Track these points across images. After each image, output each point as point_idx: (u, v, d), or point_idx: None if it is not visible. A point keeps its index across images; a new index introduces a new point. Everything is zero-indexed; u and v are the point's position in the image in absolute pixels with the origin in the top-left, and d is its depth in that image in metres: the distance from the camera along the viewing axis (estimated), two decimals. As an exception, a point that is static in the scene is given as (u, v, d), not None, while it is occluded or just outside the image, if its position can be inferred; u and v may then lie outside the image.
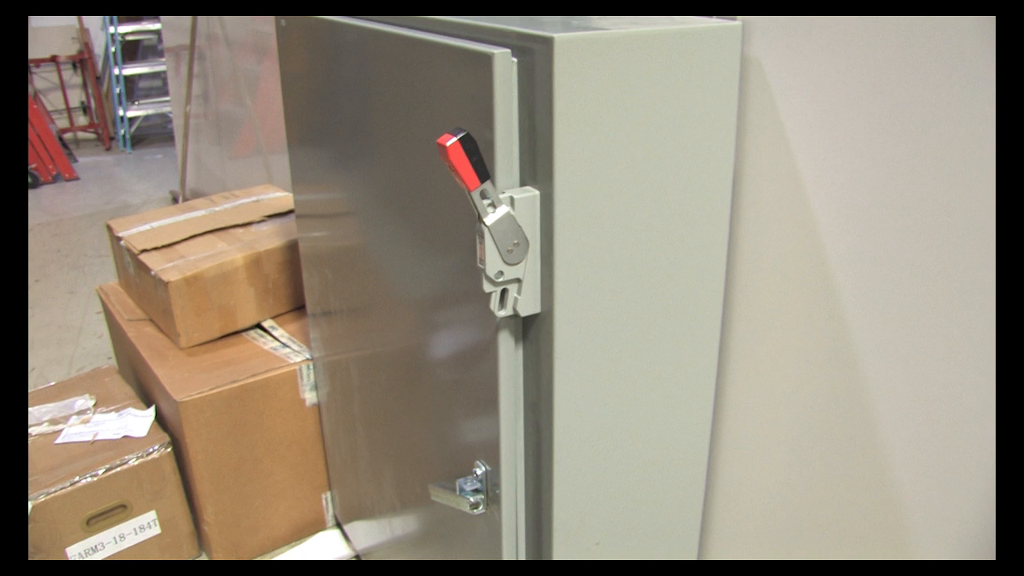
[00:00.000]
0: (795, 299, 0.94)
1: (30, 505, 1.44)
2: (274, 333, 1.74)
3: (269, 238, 1.77)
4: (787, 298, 0.94)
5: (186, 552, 1.67)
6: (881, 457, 0.88)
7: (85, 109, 5.69)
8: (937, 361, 0.80)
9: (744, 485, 1.06)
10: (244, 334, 1.74)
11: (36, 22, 5.29)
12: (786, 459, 1.00)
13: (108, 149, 5.59)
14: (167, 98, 5.27)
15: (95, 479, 1.51)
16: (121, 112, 5.48)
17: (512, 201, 0.79)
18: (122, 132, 5.53)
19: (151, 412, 1.67)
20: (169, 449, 1.59)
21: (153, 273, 1.66)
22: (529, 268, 0.82)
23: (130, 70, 5.50)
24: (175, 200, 4.04)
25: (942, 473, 0.82)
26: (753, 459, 1.04)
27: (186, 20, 3.10)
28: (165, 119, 5.83)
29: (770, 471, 1.02)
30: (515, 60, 0.77)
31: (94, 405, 1.72)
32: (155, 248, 1.75)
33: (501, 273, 0.80)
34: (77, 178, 4.89)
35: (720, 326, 0.97)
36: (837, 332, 0.90)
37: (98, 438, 1.61)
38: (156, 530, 1.62)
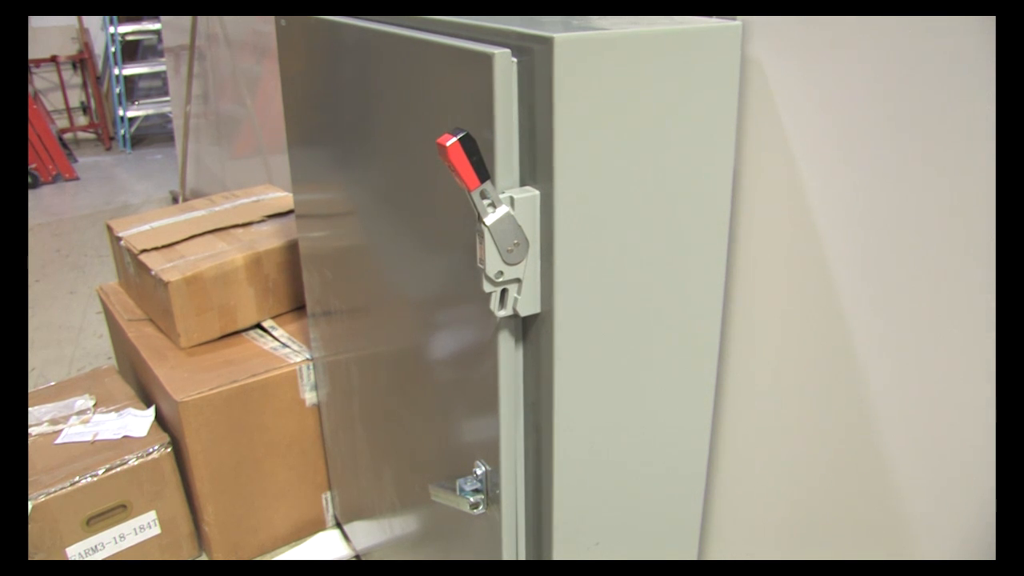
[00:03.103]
0: (795, 298, 0.94)
1: (30, 505, 1.44)
2: (274, 333, 1.74)
3: (269, 238, 1.77)
4: (787, 298, 0.94)
5: (186, 552, 1.68)
6: (882, 457, 0.88)
7: (85, 109, 5.69)
8: (938, 361, 0.80)
9: (744, 485, 1.06)
10: (244, 334, 1.74)
11: (36, 22, 5.29)
12: (786, 459, 1.00)
13: (108, 149, 5.60)
14: (167, 98, 5.27)
15: (95, 479, 1.51)
16: (121, 112, 5.48)
17: (512, 201, 0.79)
18: (122, 132, 5.54)
19: (151, 412, 1.67)
20: (169, 449, 1.59)
21: (153, 273, 1.66)
22: (529, 268, 0.82)
23: (130, 70, 5.50)
24: (175, 200, 4.04)
25: (943, 473, 0.82)
26: (753, 459, 1.04)
27: (186, 20, 3.10)
28: (165, 119, 5.84)
29: (770, 471, 1.02)
30: (515, 60, 0.77)
31: (94, 405, 1.72)
32: (155, 248, 1.75)
33: (501, 273, 0.80)
34: (77, 178, 4.90)
35: (720, 326, 0.97)
36: (837, 332, 0.90)
37: (98, 438, 1.61)
38: (156, 530, 1.62)
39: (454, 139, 0.73)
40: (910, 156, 0.78)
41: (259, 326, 1.77)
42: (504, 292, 0.83)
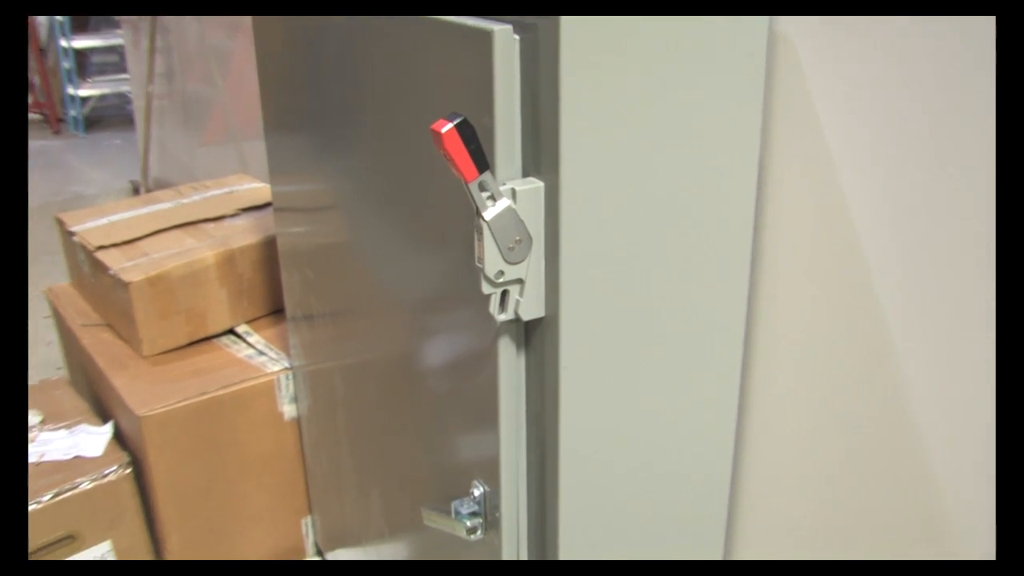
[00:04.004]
0: (824, 296, 0.95)
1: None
2: (249, 339, 1.75)
3: (244, 234, 1.79)
4: (816, 295, 0.96)
5: (147, 586, 1.68)
6: (918, 453, 0.91)
7: (28, 86, 5.69)
8: (977, 360, 0.83)
9: (771, 492, 1.08)
10: (215, 340, 1.75)
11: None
12: (816, 467, 1.02)
13: (57, 133, 5.60)
14: (125, 75, 5.26)
15: (39, 507, 1.48)
16: (71, 90, 5.47)
17: (514, 194, 0.80)
18: (72, 114, 5.54)
19: (108, 429, 1.66)
20: (129, 470, 1.57)
21: (112, 272, 1.66)
22: (532, 268, 0.84)
23: (81, 42, 5.47)
24: (136, 191, 4.05)
25: (979, 470, 0.85)
26: (781, 464, 1.06)
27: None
28: (124, 99, 5.83)
29: (799, 478, 1.04)
30: (517, 37, 0.78)
31: (41, 421, 1.70)
32: (114, 244, 1.76)
33: (501, 273, 0.81)
34: (22, 165, 4.90)
35: (744, 327, 0.99)
36: (871, 331, 0.92)
37: (45, 459, 1.58)
38: (112, 562, 1.62)
39: (450, 125, 0.74)
40: (958, 143, 0.80)
41: (232, 332, 1.78)
42: (505, 294, 0.84)
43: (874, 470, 0.95)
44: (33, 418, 1.71)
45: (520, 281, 0.84)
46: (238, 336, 1.77)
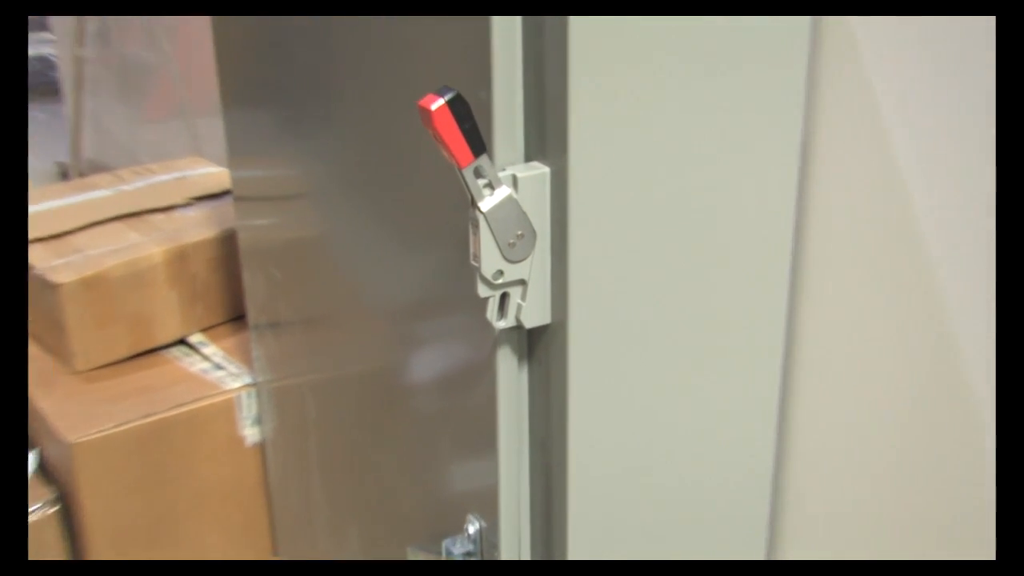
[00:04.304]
0: (878, 290, 0.97)
1: None
2: (204, 351, 1.76)
3: (197, 227, 1.79)
4: (868, 295, 0.98)
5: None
6: (978, 451, 0.93)
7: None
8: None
9: (818, 504, 1.10)
10: (163, 352, 1.75)
11: None
12: (865, 476, 1.04)
13: (-31, 105, 5.58)
14: (48, 35, 5.25)
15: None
16: (-14, 54, 5.45)
17: (515, 181, 0.81)
18: (-13, 82, 5.52)
19: (31, 459, 1.65)
20: (55, 508, 1.57)
21: (37, 272, 1.66)
22: (536, 267, 0.85)
23: None
24: (65, 175, 4.05)
25: None
26: (828, 472, 1.08)
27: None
28: (46, 64, 5.80)
29: (846, 487, 1.06)
30: None
31: (-44, 449, 1.72)
32: (39, 239, 1.75)
33: (500, 273, 0.83)
34: (-71, 145, 4.89)
35: (784, 327, 1.00)
36: (936, 331, 0.93)
37: (-45, 495, 1.60)
38: (34, 618, 1.62)
39: (441, 101, 0.74)
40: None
41: (184, 342, 1.78)
42: (504, 297, 0.85)
43: (930, 468, 0.98)
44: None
45: (522, 282, 0.85)
46: (191, 347, 1.78)
